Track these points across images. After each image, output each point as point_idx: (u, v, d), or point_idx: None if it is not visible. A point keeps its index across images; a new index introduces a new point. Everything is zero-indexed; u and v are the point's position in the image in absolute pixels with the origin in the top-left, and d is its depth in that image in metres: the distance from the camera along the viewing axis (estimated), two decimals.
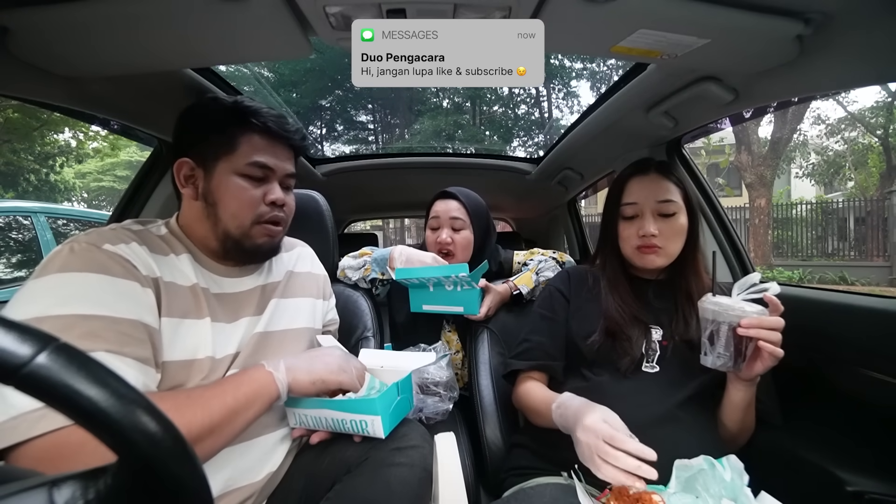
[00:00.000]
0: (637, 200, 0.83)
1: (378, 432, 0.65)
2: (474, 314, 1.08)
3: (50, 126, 7.32)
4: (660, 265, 0.83)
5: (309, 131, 12.95)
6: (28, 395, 0.20)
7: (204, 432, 0.52)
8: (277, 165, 0.69)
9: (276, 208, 0.69)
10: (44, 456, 0.44)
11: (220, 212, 0.66)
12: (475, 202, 1.23)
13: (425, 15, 0.63)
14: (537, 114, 13.95)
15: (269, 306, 0.74)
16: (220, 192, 0.65)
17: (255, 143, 0.67)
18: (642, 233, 0.81)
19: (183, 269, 0.65)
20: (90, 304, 0.51)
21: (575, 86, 13.88)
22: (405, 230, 15.33)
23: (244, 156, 0.66)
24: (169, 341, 0.58)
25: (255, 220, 0.67)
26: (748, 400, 0.74)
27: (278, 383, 0.61)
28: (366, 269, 1.17)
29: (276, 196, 0.68)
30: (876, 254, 8.28)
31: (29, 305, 0.50)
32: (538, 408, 0.78)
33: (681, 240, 0.82)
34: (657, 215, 0.82)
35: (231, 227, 0.66)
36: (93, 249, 0.56)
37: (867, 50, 0.66)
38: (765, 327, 0.65)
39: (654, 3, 0.59)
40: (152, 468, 0.22)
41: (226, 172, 0.65)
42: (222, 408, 0.55)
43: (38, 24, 0.60)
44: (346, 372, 0.69)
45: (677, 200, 0.82)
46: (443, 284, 1.07)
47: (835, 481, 0.74)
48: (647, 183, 0.84)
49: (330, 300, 0.94)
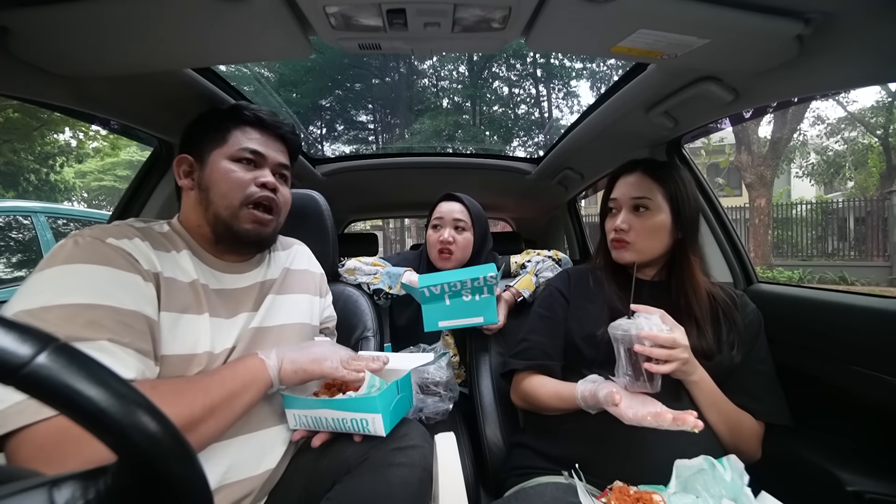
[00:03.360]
0: (617, 196, 0.87)
1: (379, 430, 0.65)
2: (494, 323, 1.05)
3: (50, 126, 7.32)
4: (628, 260, 0.84)
5: (309, 131, 12.97)
6: (28, 395, 0.20)
7: (206, 413, 0.55)
8: (269, 154, 0.73)
9: (266, 190, 0.71)
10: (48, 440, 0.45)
11: (212, 195, 0.69)
12: (477, 207, 1.27)
13: (425, 15, 0.63)
14: (537, 114, 13.95)
15: (265, 302, 0.75)
16: (213, 176, 0.69)
17: (248, 133, 0.72)
18: (615, 226, 0.84)
19: (183, 266, 0.66)
20: (93, 294, 0.53)
21: (575, 86, 13.91)
22: (405, 230, 15.32)
23: (236, 143, 0.71)
24: (168, 335, 0.60)
25: (243, 201, 0.69)
26: (711, 399, 0.73)
27: (270, 370, 0.64)
28: (375, 278, 1.19)
29: (266, 179, 0.71)
30: (876, 254, 8.28)
31: (34, 296, 0.51)
32: (559, 391, 0.78)
33: (656, 238, 0.83)
34: (632, 209, 0.84)
35: (221, 207, 0.69)
36: (96, 243, 0.57)
37: (867, 50, 0.66)
38: (657, 344, 0.66)
39: (654, 3, 0.59)
40: (152, 468, 0.22)
41: (218, 159, 0.70)
42: (221, 391, 0.58)
43: (38, 24, 0.60)
44: (328, 360, 0.69)
45: (654, 199, 0.82)
46: (461, 295, 1.04)
47: (835, 481, 0.74)
48: (629, 180, 0.86)
49: (327, 297, 0.95)
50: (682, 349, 0.68)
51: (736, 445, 0.75)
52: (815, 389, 0.90)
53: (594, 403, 0.69)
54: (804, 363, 0.90)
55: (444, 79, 14.69)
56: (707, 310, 0.80)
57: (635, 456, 0.71)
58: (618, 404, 0.64)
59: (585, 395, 0.71)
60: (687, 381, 0.73)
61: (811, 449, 0.82)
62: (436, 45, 0.73)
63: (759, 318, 0.83)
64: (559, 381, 0.82)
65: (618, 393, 0.64)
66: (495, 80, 13.95)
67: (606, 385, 0.69)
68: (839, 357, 0.83)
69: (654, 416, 0.61)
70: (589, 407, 0.71)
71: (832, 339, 0.85)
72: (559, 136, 1.57)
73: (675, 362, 0.67)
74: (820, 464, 0.78)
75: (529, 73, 13.72)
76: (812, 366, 0.89)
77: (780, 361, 0.83)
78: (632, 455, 0.71)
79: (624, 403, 0.64)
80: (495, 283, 1.02)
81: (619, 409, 0.64)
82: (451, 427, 0.93)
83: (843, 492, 0.72)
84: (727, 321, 0.80)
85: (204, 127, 0.72)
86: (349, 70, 13.23)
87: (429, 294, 1.04)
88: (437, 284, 1.03)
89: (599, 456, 0.73)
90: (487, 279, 1.00)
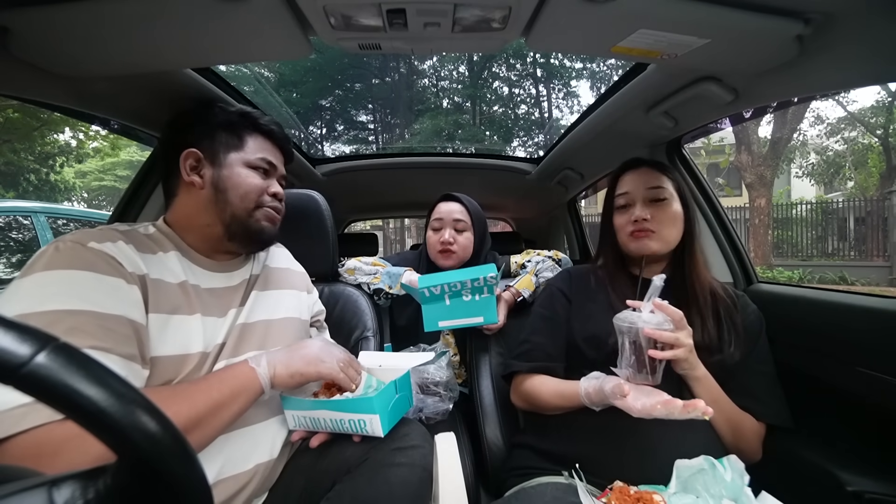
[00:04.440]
0: (628, 190, 0.86)
1: (377, 431, 0.65)
2: (494, 323, 1.05)
3: (50, 126, 7.31)
4: (655, 250, 0.82)
5: (309, 131, 12.97)
6: (27, 395, 0.20)
7: (189, 425, 0.54)
8: (278, 165, 0.79)
9: (276, 201, 0.77)
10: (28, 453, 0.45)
11: (231, 196, 0.71)
12: (476, 206, 1.27)
13: (425, 15, 0.63)
14: (537, 114, 13.95)
15: (249, 298, 0.76)
16: (233, 179, 0.72)
17: (261, 143, 0.77)
18: (634, 217, 0.83)
19: (171, 267, 0.66)
20: (74, 299, 0.52)
21: (575, 86, 13.90)
22: (405, 230, 15.32)
23: (253, 151, 0.75)
24: (158, 337, 0.59)
25: (258, 204, 0.74)
26: (713, 397, 0.73)
27: (261, 378, 0.64)
28: (375, 278, 1.19)
29: (277, 189, 0.77)
30: (876, 254, 8.28)
31: (14, 304, 0.50)
32: (561, 390, 0.78)
33: (675, 227, 0.83)
34: (648, 201, 0.83)
35: (239, 209, 0.72)
36: (77, 248, 0.56)
37: (867, 50, 0.66)
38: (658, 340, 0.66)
39: (654, 3, 0.59)
40: (152, 468, 0.22)
41: (237, 163, 0.73)
42: (207, 401, 0.57)
43: (38, 24, 0.60)
44: (324, 362, 0.69)
45: (668, 188, 0.83)
46: (461, 295, 1.04)
47: (835, 481, 0.74)
48: (638, 174, 0.86)
49: (313, 293, 0.96)
50: (686, 334, 0.69)
51: (737, 445, 0.75)
52: (815, 389, 0.90)
53: (599, 399, 0.69)
54: (804, 363, 0.90)
55: (444, 79, 14.70)
56: (710, 306, 0.81)
57: (635, 456, 0.71)
58: (626, 396, 0.63)
59: (589, 391, 0.71)
60: (689, 378, 0.73)
61: (811, 449, 0.82)
62: (436, 45, 0.73)
63: (761, 319, 0.83)
64: (561, 379, 0.82)
65: (625, 385, 0.64)
66: (495, 80, 13.95)
67: (612, 378, 0.69)
68: (839, 357, 0.83)
69: (664, 405, 0.61)
70: (593, 403, 0.70)
71: (832, 339, 0.85)
72: (559, 136, 1.57)
73: (681, 349, 0.67)
74: (820, 464, 0.78)
75: (529, 73, 13.72)
76: (812, 366, 0.89)
77: (780, 361, 0.83)
78: (632, 455, 0.71)
79: (631, 396, 0.63)
80: (495, 283, 1.02)
81: (627, 402, 0.63)
82: (451, 427, 0.93)
83: (843, 492, 0.72)
84: (726, 320, 0.80)
85: (214, 125, 0.73)
86: (349, 70, 13.22)
87: (429, 294, 1.04)
88: (437, 285, 1.02)
89: (600, 456, 0.72)
90: (488, 279, 1.00)
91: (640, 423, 0.63)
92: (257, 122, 0.76)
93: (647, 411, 0.61)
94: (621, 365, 0.70)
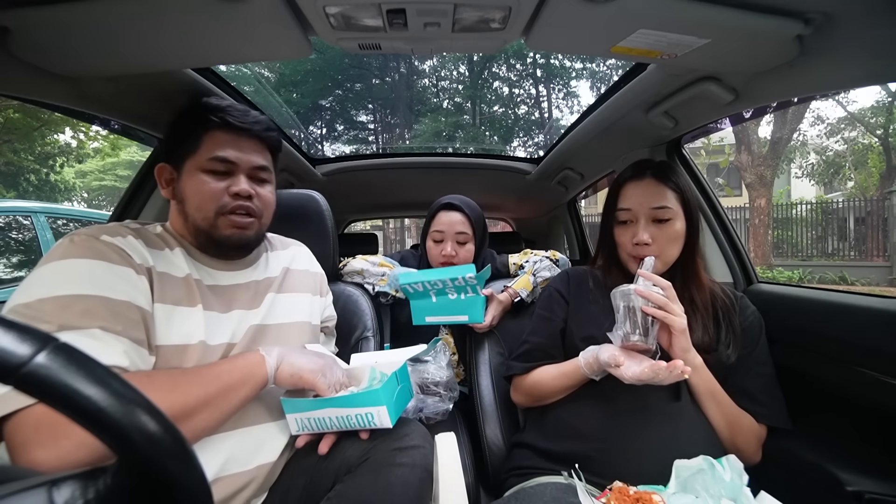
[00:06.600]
0: (631, 207, 0.83)
1: (385, 422, 0.65)
2: (479, 322, 1.07)
3: (50, 126, 7.30)
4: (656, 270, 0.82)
5: (309, 131, 12.96)
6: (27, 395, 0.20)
7: (200, 405, 0.57)
8: (241, 158, 0.71)
9: (240, 199, 0.70)
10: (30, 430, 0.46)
11: (188, 207, 0.70)
12: (477, 213, 1.24)
13: (425, 15, 0.63)
14: (537, 114, 13.95)
15: (265, 300, 0.77)
16: (188, 188, 0.69)
17: (218, 138, 0.69)
18: (636, 241, 0.81)
19: (176, 262, 0.68)
20: (87, 286, 0.55)
21: (575, 86, 13.91)
22: (405, 230, 15.32)
23: (206, 152, 0.69)
24: (163, 326, 0.62)
25: (218, 211, 0.69)
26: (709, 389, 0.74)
27: (268, 367, 0.65)
28: (382, 280, 1.20)
29: (239, 188, 0.70)
30: (876, 254, 8.28)
31: (31, 289, 0.54)
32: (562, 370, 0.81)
33: (677, 246, 0.82)
34: (652, 221, 0.81)
35: (198, 219, 0.69)
36: (91, 240, 0.60)
37: (867, 50, 0.66)
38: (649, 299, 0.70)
39: (654, 3, 0.59)
40: (152, 468, 0.22)
41: (191, 170, 0.69)
42: (217, 384, 0.60)
43: (38, 24, 0.60)
44: (324, 377, 0.69)
45: (673, 206, 0.80)
46: (446, 293, 1.06)
47: (834, 481, 0.74)
48: (642, 188, 0.83)
49: (327, 297, 0.95)
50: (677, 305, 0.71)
51: (734, 443, 0.75)
52: (815, 389, 0.90)
53: (598, 368, 0.74)
54: (804, 363, 0.90)
55: (445, 79, 14.70)
56: (709, 307, 0.81)
57: (635, 456, 0.71)
58: (621, 365, 0.67)
59: (589, 360, 0.75)
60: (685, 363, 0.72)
61: (811, 449, 0.82)
62: (436, 45, 0.73)
63: (760, 321, 0.83)
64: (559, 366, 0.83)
65: (620, 355, 0.68)
66: (495, 80, 13.95)
67: (607, 347, 0.72)
68: (839, 357, 0.83)
69: (650, 368, 0.65)
70: (593, 373, 0.75)
71: (832, 339, 0.85)
72: (559, 137, 1.57)
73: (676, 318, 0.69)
74: (820, 464, 0.78)
75: (529, 73, 13.72)
76: (812, 366, 0.89)
77: (780, 361, 0.83)
78: (631, 455, 0.71)
79: (624, 365, 0.68)
80: (477, 284, 1.03)
81: (620, 370, 0.68)
82: (451, 427, 0.93)
83: (843, 492, 0.72)
84: (724, 321, 0.80)
85: (178, 133, 0.71)
86: (349, 70, 13.22)
87: (412, 290, 1.09)
88: (417, 282, 1.06)
89: (599, 456, 0.73)
90: (467, 279, 1.02)
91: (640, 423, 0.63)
92: (208, 117, 0.69)
93: (637, 377, 0.66)
94: (616, 329, 0.72)
